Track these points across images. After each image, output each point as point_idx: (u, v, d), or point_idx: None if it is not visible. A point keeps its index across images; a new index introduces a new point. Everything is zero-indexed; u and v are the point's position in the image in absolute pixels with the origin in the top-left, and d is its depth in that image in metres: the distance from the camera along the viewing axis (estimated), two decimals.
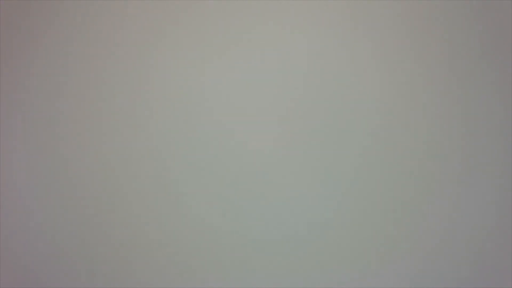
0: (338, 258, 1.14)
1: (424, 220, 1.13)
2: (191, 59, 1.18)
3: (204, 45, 1.18)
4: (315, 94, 1.15)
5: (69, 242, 1.19)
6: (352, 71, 1.15)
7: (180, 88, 1.18)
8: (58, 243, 1.19)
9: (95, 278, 1.18)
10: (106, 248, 1.18)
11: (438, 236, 1.13)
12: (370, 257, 1.14)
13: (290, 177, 1.15)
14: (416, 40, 1.14)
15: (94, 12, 1.20)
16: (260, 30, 1.17)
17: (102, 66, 1.20)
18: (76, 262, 1.19)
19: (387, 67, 1.15)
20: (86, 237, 1.19)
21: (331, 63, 1.15)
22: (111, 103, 1.19)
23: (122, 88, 1.19)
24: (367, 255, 1.14)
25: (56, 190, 1.20)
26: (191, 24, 1.18)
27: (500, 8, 1.13)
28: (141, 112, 1.19)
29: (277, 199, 1.15)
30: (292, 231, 1.15)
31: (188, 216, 1.17)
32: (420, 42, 1.14)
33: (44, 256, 1.20)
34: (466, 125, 1.13)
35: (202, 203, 1.17)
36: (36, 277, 1.20)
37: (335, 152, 1.15)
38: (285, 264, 1.15)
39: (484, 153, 1.13)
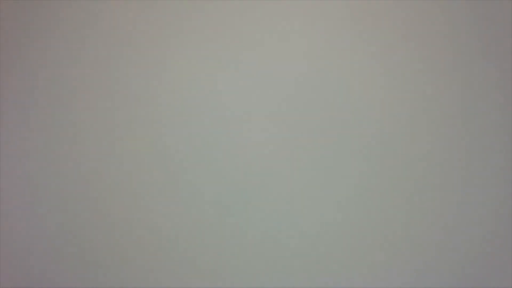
0: (339, 258, 1.14)
1: (425, 220, 1.13)
2: (192, 61, 1.18)
3: (203, 46, 1.18)
4: (318, 95, 1.15)
5: (69, 242, 1.19)
6: (354, 72, 1.15)
7: (178, 88, 1.18)
8: (58, 244, 1.20)
9: (95, 278, 1.19)
10: (106, 248, 1.18)
11: (438, 236, 1.13)
12: (370, 257, 1.14)
13: (294, 177, 1.16)
14: (416, 41, 1.14)
15: (99, 12, 1.21)
16: (258, 31, 1.17)
17: (108, 66, 1.20)
18: (76, 262, 1.19)
19: (387, 68, 1.15)
20: (86, 237, 1.19)
21: (333, 65, 1.16)
22: (112, 103, 1.19)
23: (124, 88, 1.20)
24: (367, 256, 1.14)
25: (55, 190, 1.20)
26: (192, 26, 1.19)
27: (500, 8, 1.13)
28: (140, 113, 1.19)
29: (280, 199, 1.15)
30: (295, 231, 1.15)
31: (189, 216, 1.17)
32: (420, 43, 1.14)
33: (44, 256, 1.20)
34: (467, 125, 1.13)
35: (205, 202, 1.17)
36: (36, 277, 1.20)
37: (338, 153, 1.15)
38: (286, 264, 1.15)
39: (484, 154, 1.13)
